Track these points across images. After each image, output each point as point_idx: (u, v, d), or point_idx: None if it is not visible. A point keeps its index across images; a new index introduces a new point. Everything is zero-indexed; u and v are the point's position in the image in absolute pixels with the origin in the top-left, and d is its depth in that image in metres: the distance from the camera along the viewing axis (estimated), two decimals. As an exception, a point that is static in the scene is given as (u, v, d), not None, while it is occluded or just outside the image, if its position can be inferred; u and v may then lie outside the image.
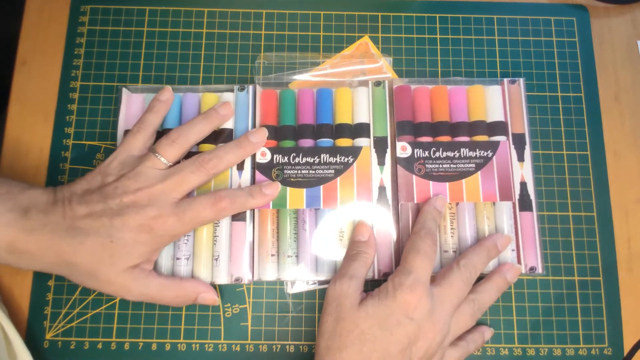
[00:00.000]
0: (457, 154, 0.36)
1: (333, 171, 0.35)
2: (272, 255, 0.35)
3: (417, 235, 0.33)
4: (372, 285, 0.36)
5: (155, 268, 0.34)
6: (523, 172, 0.36)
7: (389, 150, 0.36)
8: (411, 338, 0.30)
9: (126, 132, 0.36)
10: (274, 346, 0.35)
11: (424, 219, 0.34)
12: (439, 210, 0.35)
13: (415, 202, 0.35)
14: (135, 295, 0.32)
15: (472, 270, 0.32)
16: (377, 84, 0.37)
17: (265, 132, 0.36)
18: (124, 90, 0.37)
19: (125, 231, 0.31)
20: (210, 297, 0.33)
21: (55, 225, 0.30)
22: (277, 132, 0.37)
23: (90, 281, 0.31)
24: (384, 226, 0.35)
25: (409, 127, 0.37)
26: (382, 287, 0.31)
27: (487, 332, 0.35)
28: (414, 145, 0.36)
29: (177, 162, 0.34)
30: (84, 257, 0.30)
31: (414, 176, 0.36)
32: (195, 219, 0.32)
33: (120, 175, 0.32)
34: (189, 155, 0.35)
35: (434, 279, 0.32)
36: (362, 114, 0.37)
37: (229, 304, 0.36)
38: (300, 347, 0.35)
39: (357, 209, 0.35)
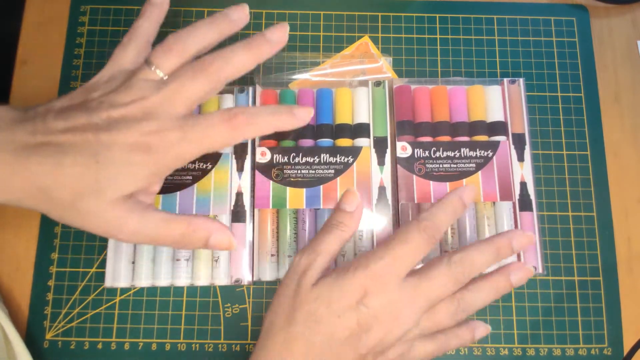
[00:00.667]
0: (458, 154, 0.36)
1: (333, 171, 0.35)
2: (272, 255, 0.35)
3: (417, 224, 0.29)
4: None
5: (154, 268, 0.34)
6: (523, 172, 0.36)
7: (388, 150, 0.36)
8: (362, 326, 0.26)
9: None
10: (274, 346, 0.35)
11: (439, 208, 0.30)
12: (465, 204, 0.30)
13: (416, 202, 0.35)
14: (129, 234, 0.26)
15: (466, 269, 0.28)
16: (377, 84, 0.37)
17: (286, 29, 0.28)
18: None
19: (115, 149, 0.24)
20: (225, 240, 0.27)
21: (20, 143, 0.24)
22: (277, 132, 0.36)
23: (71, 214, 0.25)
24: (383, 226, 0.35)
25: (409, 127, 0.37)
26: (347, 264, 0.28)
27: (480, 329, 0.31)
28: (414, 145, 0.36)
29: None
30: (61, 180, 0.24)
31: (414, 176, 0.36)
32: (205, 137, 0.26)
33: (109, 91, 0.26)
34: None
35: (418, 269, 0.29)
36: (362, 114, 0.37)
37: (229, 304, 0.36)
38: (300, 347, 0.35)
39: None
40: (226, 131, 0.26)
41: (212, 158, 0.36)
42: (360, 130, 0.36)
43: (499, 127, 0.37)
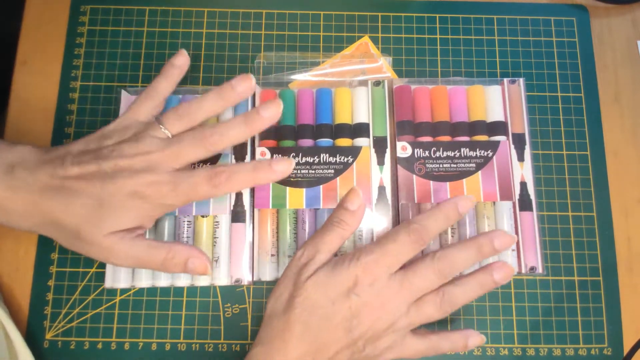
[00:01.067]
0: (458, 154, 0.36)
1: (333, 171, 0.35)
2: (272, 255, 0.35)
3: (409, 226, 0.31)
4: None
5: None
6: (523, 172, 0.36)
7: (388, 150, 0.36)
8: (353, 312, 0.29)
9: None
10: (274, 346, 0.35)
11: (432, 214, 0.32)
12: (460, 213, 0.32)
13: (416, 201, 0.35)
14: (121, 258, 0.30)
15: (448, 264, 0.30)
16: (377, 83, 0.37)
17: (279, 106, 0.32)
18: (123, 92, 0.37)
19: (117, 195, 0.30)
20: (201, 264, 0.31)
21: (43, 184, 0.30)
22: (277, 132, 0.37)
23: (76, 243, 0.30)
24: (383, 226, 0.35)
25: (409, 127, 0.37)
26: (342, 256, 0.31)
27: (474, 338, 0.32)
28: (415, 145, 0.36)
29: None
30: (70, 217, 0.30)
31: (414, 176, 0.36)
32: (191, 191, 0.31)
33: (121, 140, 0.31)
34: None
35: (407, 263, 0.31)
36: (362, 114, 0.37)
37: (229, 304, 0.36)
38: (300, 347, 0.35)
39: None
40: (208, 188, 0.31)
41: (212, 158, 0.36)
42: (360, 130, 0.36)
43: (499, 127, 0.37)
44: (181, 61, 0.34)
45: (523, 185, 0.36)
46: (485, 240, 0.31)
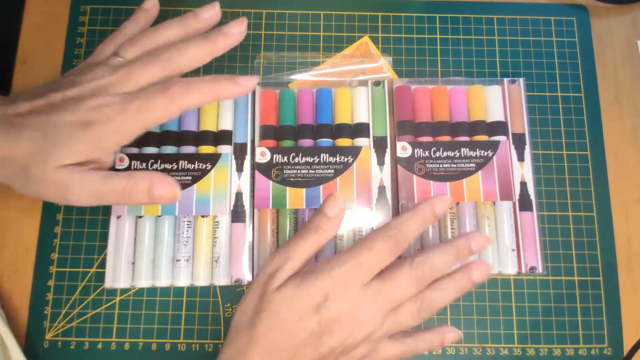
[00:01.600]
0: (458, 154, 0.36)
1: (333, 171, 0.35)
2: (272, 255, 0.35)
3: (385, 231, 0.29)
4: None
5: (154, 269, 0.34)
6: (523, 172, 0.36)
7: (388, 150, 0.36)
8: (323, 328, 0.27)
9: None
10: (273, 346, 0.35)
11: (409, 217, 0.30)
12: (436, 214, 0.31)
13: (416, 201, 0.35)
14: (78, 193, 0.28)
15: (427, 270, 0.29)
16: (377, 83, 0.37)
17: (244, 23, 0.30)
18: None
19: (63, 125, 0.27)
20: (168, 190, 0.28)
21: None
22: (277, 132, 0.37)
23: (28, 184, 0.28)
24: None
25: (409, 127, 0.37)
26: (311, 266, 0.29)
27: (450, 334, 0.31)
28: (415, 145, 0.36)
29: None
30: (17, 153, 0.28)
31: (414, 176, 0.36)
32: (143, 109, 0.27)
33: (75, 75, 0.29)
34: None
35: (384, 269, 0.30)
36: (362, 114, 0.37)
37: (229, 304, 0.36)
38: (300, 347, 0.35)
39: (358, 210, 0.35)
40: (163, 102, 0.28)
41: (212, 158, 0.36)
42: (360, 130, 0.36)
43: (499, 127, 0.37)
44: (149, 4, 0.33)
45: (523, 185, 0.36)
46: (462, 243, 0.30)
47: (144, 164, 0.35)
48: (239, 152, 0.36)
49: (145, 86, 0.29)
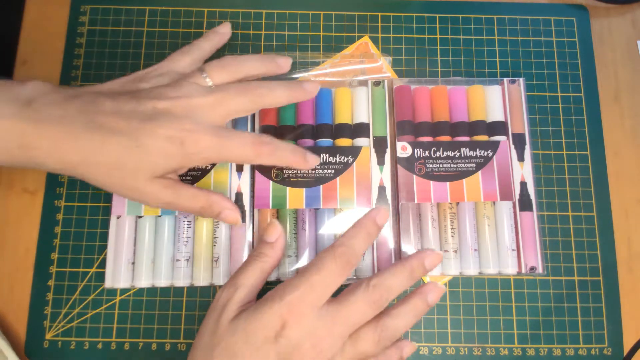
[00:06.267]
0: (458, 154, 0.36)
1: (333, 171, 0.35)
2: (272, 255, 0.35)
3: (332, 251, 0.28)
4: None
5: (154, 269, 0.34)
6: (523, 172, 0.36)
7: (388, 150, 0.36)
8: (283, 357, 0.26)
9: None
10: (273, 346, 0.35)
11: (353, 233, 0.30)
12: (379, 226, 0.30)
13: (416, 201, 0.35)
14: (162, 203, 0.30)
15: (383, 292, 0.28)
16: (377, 83, 0.37)
17: (317, 85, 0.33)
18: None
19: (155, 138, 0.28)
20: (233, 216, 0.32)
21: (71, 118, 0.27)
22: (277, 132, 0.37)
23: (109, 183, 0.29)
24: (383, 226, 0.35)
25: (409, 127, 0.37)
26: (265, 296, 0.28)
27: (407, 348, 0.30)
28: (415, 145, 0.36)
29: None
30: (106, 156, 0.28)
31: (414, 176, 0.36)
32: (232, 151, 0.29)
33: (159, 85, 0.30)
34: None
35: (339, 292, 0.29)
36: (362, 114, 0.37)
37: (229, 304, 0.36)
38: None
39: (358, 210, 0.35)
40: (251, 154, 0.30)
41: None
42: (360, 130, 0.36)
43: (499, 127, 0.37)
44: (225, 30, 0.35)
45: (523, 185, 0.36)
46: (416, 263, 0.30)
47: (144, 164, 0.35)
48: (239, 152, 0.36)
49: (232, 113, 0.31)
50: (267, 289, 0.36)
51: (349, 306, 0.28)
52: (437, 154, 0.36)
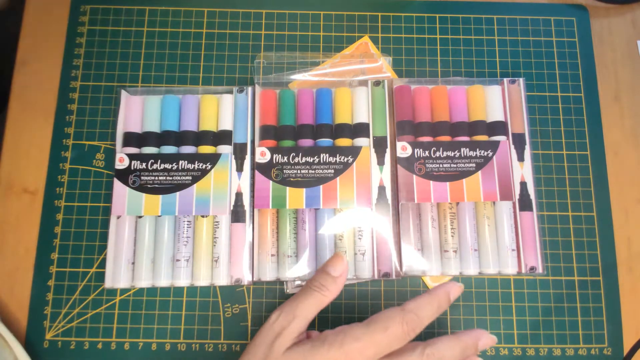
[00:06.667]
0: (458, 154, 0.36)
1: (333, 171, 0.35)
2: (272, 255, 0.35)
3: (402, 314, 0.29)
4: (371, 284, 0.36)
5: (154, 269, 0.34)
6: (523, 172, 0.36)
7: (388, 150, 0.36)
8: None
9: (126, 134, 0.36)
10: (273, 346, 0.35)
11: (427, 302, 0.30)
12: (450, 300, 0.31)
13: (416, 201, 0.35)
14: None
15: None
16: (377, 83, 0.37)
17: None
18: (123, 92, 0.37)
19: None
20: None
21: None
22: (277, 132, 0.37)
23: None
24: (383, 226, 0.35)
25: (409, 127, 0.37)
26: (322, 335, 0.29)
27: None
28: (415, 145, 0.36)
29: None
30: None
31: (414, 176, 0.36)
32: None
33: None
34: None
35: (393, 351, 0.29)
36: (362, 114, 0.37)
37: (229, 304, 0.36)
38: (300, 347, 0.35)
39: (358, 210, 0.35)
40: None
41: (212, 158, 0.36)
42: (360, 130, 0.36)
43: (499, 127, 0.37)
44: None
45: (523, 185, 0.36)
46: (471, 341, 0.30)
47: (144, 164, 0.35)
48: (239, 152, 0.36)
49: None
50: (269, 289, 0.36)
51: None
52: (437, 154, 0.36)
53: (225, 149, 0.36)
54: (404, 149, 0.36)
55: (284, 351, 0.28)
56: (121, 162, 0.35)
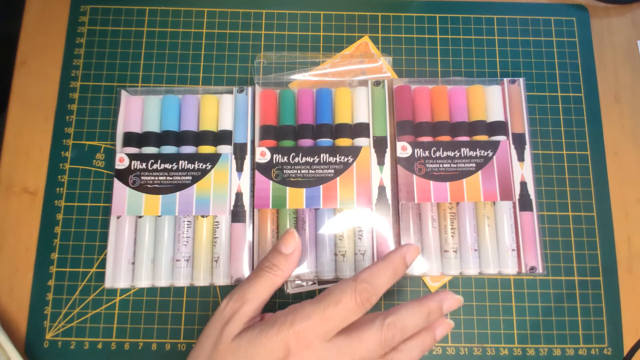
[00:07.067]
0: (458, 154, 0.36)
1: (333, 171, 0.35)
2: (272, 255, 0.35)
3: (354, 285, 0.27)
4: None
5: (154, 269, 0.34)
6: (523, 171, 0.36)
7: (388, 150, 0.36)
8: None
9: (126, 134, 0.36)
10: (273, 346, 0.35)
11: (380, 269, 0.28)
12: (407, 264, 0.29)
13: (416, 201, 0.35)
14: None
15: (397, 333, 0.27)
16: (377, 83, 0.37)
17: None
18: (123, 92, 0.37)
19: None
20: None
21: None
22: (277, 132, 0.37)
23: None
24: (383, 226, 0.35)
25: (409, 127, 0.37)
26: (272, 317, 0.27)
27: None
28: (415, 145, 0.36)
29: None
30: None
31: (414, 176, 0.36)
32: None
33: None
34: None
35: (351, 324, 0.27)
36: (362, 114, 0.37)
37: (228, 304, 0.36)
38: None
39: (358, 210, 0.35)
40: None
41: (212, 158, 0.36)
42: (360, 130, 0.36)
43: (499, 127, 0.37)
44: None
45: (523, 185, 0.36)
46: (434, 305, 0.28)
47: (144, 164, 0.35)
48: (239, 152, 0.36)
49: None
50: (267, 289, 0.36)
51: (358, 343, 0.27)
52: (437, 154, 0.36)
53: (225, 149, 0.36)
54: (404, 149, 0.36)
55: (234, 337, 0.27)
56: (121, 162, 0.35)
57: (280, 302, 0.36)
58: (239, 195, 0.35)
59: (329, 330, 0.26)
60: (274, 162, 0.36)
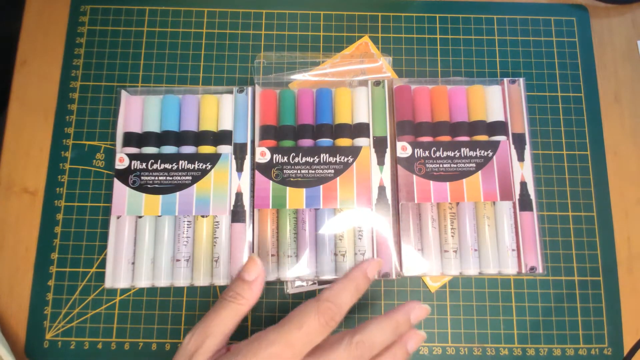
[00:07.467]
0: (458, 154, 0.36)
1: (333, 171, 0.35)
2: (272, 255, 0.35)
3: (316, 305, 0.27)
4: (371, 284, 0.36)
5: (154, 269, 0.34)
6: (523, 172, 0.36)
7: (388, 150, 0.36)
8: None
9: (126, 134, 0.36)
10: (273, 346, 0.35)
11: (342, 287, 0.28)
12: (369, 279, 0.29)
13: (416, 201, 0.35)
14: None
15: (366, 350, 0.27)
16: (377, 83, 0.37)
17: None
18: (123, 92, 0.37)
19: None
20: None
21: None
22: (277, 132, 0.37)
23: None
24: (383, 226, 0.35)
25: (409, 127, 0.37)
26: (236, 348, 0.26)
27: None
28: (415, 145, 0.36)
29: None
30: None
31: (414, 176, 0.36)
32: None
33: None
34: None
35: (318, 345, 0.27)
36: (362, 114, 0.37)
37: (228, 304, 0.36)
38: (300, 347, 0.35)
39: (358, 210, 0.35)
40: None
41: (212, 158, 0.36)
42: (360, 130, 0.36)
43: (499, 127, 0.37)
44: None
45: (523, 185, 0.36)
46: (402, 318, 0.28)
47: (144, 164, 0.35)
48: (239, 152, 0.36)
49: None
50: (268, 289, 0.36)
51: None
52: (437, 154, 0.36)
53: (225, 149, 0.36)
54: (404, 149, 0.36)
55: None
56: (121, 162, 0.35)
57: (281, 302, 0.36)
58: (239, 195, 0.35)
59: (295, 355, 0.26)
60: (274, 162, 0.36)
